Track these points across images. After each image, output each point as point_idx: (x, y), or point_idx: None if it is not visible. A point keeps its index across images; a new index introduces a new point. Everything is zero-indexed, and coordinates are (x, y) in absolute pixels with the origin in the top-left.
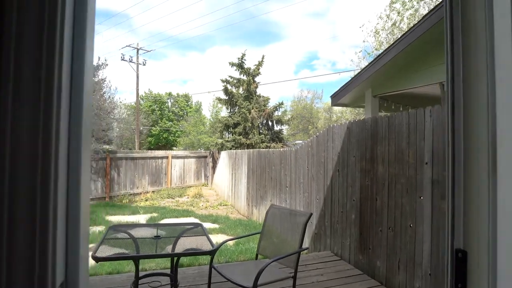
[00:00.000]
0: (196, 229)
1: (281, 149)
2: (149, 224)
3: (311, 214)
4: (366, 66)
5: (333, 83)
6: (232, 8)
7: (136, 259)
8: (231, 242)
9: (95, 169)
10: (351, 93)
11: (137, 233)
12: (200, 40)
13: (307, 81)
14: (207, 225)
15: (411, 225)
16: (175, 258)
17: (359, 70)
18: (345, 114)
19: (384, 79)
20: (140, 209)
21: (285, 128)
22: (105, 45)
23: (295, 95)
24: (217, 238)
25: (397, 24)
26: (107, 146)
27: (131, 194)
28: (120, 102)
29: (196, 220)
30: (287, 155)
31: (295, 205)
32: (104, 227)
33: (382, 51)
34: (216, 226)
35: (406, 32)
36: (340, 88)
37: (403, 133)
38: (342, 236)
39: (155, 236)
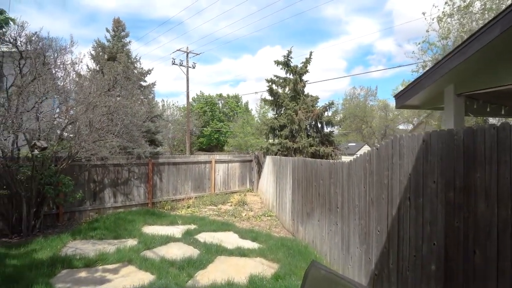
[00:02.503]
0: None
1: (331, 161)
2: None
3: None
4: (448, 55)
5: (388, 79)
6: (283, 8)
7: None
8: (269, 274)
9: (138, 174)
10: (424, 91)
11: None
12: (251, 41)
13: (360, 77)
14: (246, 244)
15: None
16: None
17: (421, 64)
18: (404, 113)
19: (474, 72)
20: (179, 219)
21: (336, 129)
22: (160, 50)
23: (347, 93)
24: (254, 263)
25: (473, 7)
26: (159, 148)
27: (173, 200)
28: (173, 104)
29: (235, 236)
30: (338, 169)
31: (348, 233)
32: (137, 241)
33: (449, 39)
34: (255, 246)
35: None
36: (409, 85)
37: None
38: None
39: None
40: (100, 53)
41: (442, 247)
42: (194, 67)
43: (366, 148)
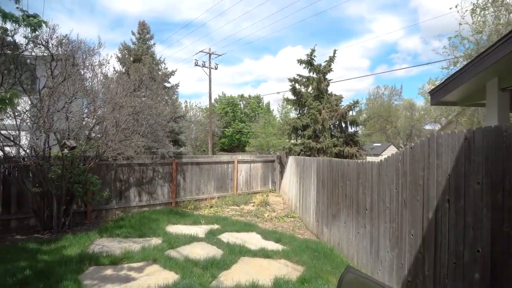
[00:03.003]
0: None
1: (359, 161)
2: None
3: None
4: (493, 46)
5: (413, 77)
6: (304, 7)
7: None
8: (294, 277)
9: (162, 174)
10: (462, 86)
11: None
12: (272, 42)
13: (384, 77)
14: (269, 245)
15: None
16: None
17: (451, 60)
18: (431, 112)
19: None
20: (202, 218)
21: (360, 129)
22: (183, 52)
23: (371, 92)
24: (279, 265)
25: None
26: (182, 148)
27: (196, 200)
28: (196, 105)
29: (258, 237)
30: (367, 169)
31: (377, 236)
32: (161, 240)
33: (484, 33)
34: (279, 247)
35: None
36: (445, 81)
37: None
38: None
39: None
40: (126, 56)
41: (487, 254)
42: (216, 68)
43: (392, 149)
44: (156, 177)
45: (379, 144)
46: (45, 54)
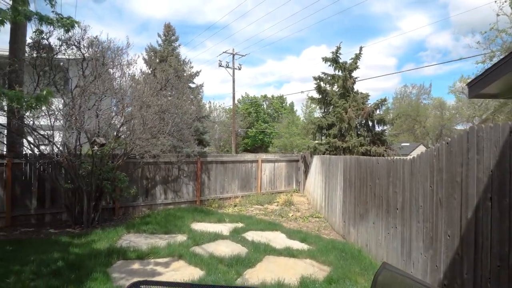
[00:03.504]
0: None
1: (389, 158)
2: (186, 284)
3: None
4: None
5: (443, 76)
6: (327, 6)
7: None
8: (321, 277)
9: (187, 172)
10: (506, 76)
11: None
12: (295, 42)
13: (412, 76)
14: (294, 244)
15: None
16: None
17: (487, 55)
18: (463, 111)
19: None
20: (226, 217)
21: (388, 128)
22: (207, 54)
23: (397, 91)
24: (304, 265)
25: None
26: (206, 148)
27: (220, 199)
28: (219, 106)
29: (283, 236)
30: (398, 167)
31: (409, 236)
32: (186, 237)
33: None
34: (304, 247)
35: None
36: (486, 71)
37: None
38: None
39: None
40: (152, 57)
41: None
42: (239, 69)
43: (421, 149)
44: (181, 176)
45: (408, 144)
46: (77, 55)
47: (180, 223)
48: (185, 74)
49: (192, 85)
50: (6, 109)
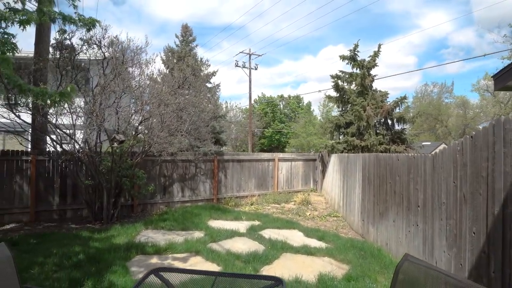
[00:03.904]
0: None
1: (410, 155)
2: (207, 272)
3: None
4: None
5: (465, 74)
6: (344, 4)
7: None
8: (339, 275)
9: (204, 170)
10: None
11: (187, 285)
12: (312, 42)
13: (433, 74)
14: (312, 242)
15: None
16: None
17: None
18: (487, 110)
19: None
20: (243, 215)
21: (408, 127)
22: (223, 55)
23: (418, 90)
24: (322, 263)
25: None
26: (223, 148)
27: (237, 197)
28: (236, 106)
29: (300, 234)
30: (419, 163)
31: (431, 234)
32: (203, 233)
33: None
34: (322, 245)
35: None
36: None
37: None
38: None
39: None
40: (170, 57)
41: None
42: (256, 69)
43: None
44: (198, 174)
45: (429, 143)
46: (97, 55)
47: (197, 220)
48: (201, 74)
49: (209, 85)
50: (31, 106)
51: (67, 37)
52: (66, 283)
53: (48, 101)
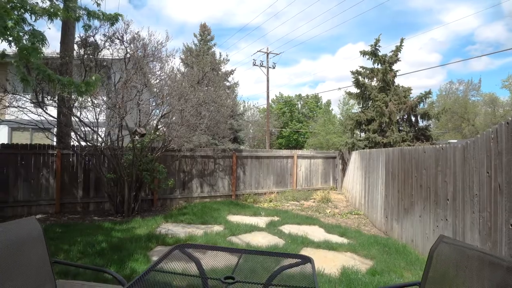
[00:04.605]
0: (303, 268)
1: (438, 146)
2: (232, 249)
3: None
4: None
5: (494, 71)
6: (363, 1)
7: None
8: (363, 269)
9: (222, 166)
10: None
11: (212, 261)
12: (330, 41)
13: (458, 71)
14: (333, 238)
15: None
16: None
17: None
18: None
19: None
20: (262, 210)
21: (433, 124)
22: (240, 55)
23: (442, 88)
24: (345, 258)
25: None
26: (242, 146)
27: (255, 194)
28: (253, 105)
29: (321, 230)
30: (449, 154)
31: (463, 228)
32: (223, 227)
33: None
34: (344, 241)
35: None
36: None
37: None
38: None
39: (225, 278)
40: (188, 56)
41: None
42: (274, 67)
43: None
44: (217, 170)
45: (455, 141)
46: (119, 51)
47: (216, 214)
48: (220, 72)
49: (227, 84)
50: (57, 99)
51: (91, 33)
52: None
53: (75, 90)
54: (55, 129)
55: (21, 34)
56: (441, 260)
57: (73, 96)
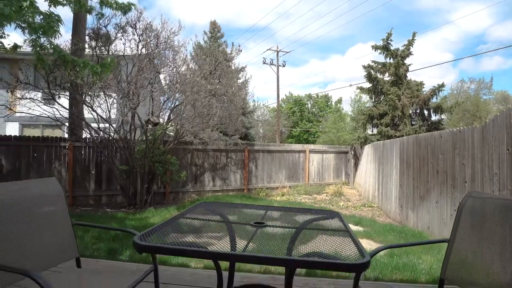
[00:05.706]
0: (331, 221)
1: (455, 129)
2: (257, 206)
3: None
4: None
5: (506, 70)
6: (372, 2)
7: (216, 258)
8: (382, 252)
9: (235, 160)
10: None
11: (236, 216)
12: (340, 41)
13: (470, 70)
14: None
15: None
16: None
17: None
18: None
19: None
20: (275, 203)
21: (445, 120)
22: (249, 55)
23: (453, 87)
24: (361, 243)
25: None
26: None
27: (268, 188)
28: (263, 104)
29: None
30: (467, 137)
31: None
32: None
33: None
34: (359, 229)
35: None
36: None
37: None
38: None
39: (255, 223)
40: (198, 54)
41: None
42: (284, 66)
43: None
44: (229, 164)
45: None
46: (131, 43)
47: None
48: (231, 68)
49: (238, 81)
50: (70, 85)
51: (103, 23)
52: (105, 252)
53: (89, 70)
54: (67, 123)
55: (35, 15)
56: (470, 213)
57: (86, 80)
